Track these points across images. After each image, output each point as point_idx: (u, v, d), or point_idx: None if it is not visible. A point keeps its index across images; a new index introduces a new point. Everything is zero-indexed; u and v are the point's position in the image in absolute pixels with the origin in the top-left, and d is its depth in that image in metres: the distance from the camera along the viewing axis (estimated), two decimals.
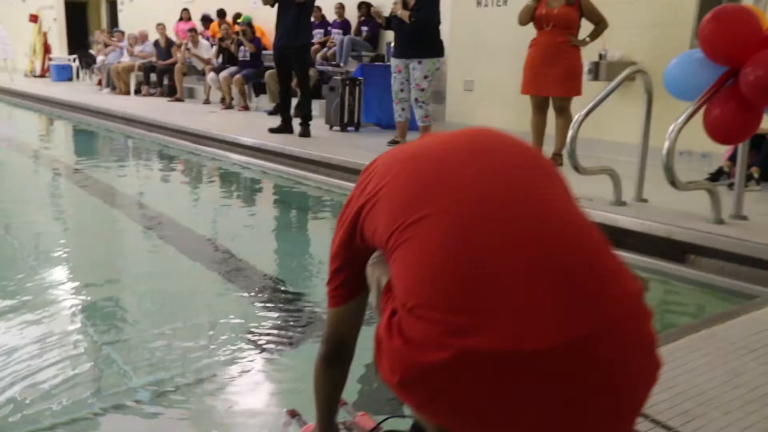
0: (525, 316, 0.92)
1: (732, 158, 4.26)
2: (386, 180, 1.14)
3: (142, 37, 12.02)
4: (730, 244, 2.98)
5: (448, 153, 1.12)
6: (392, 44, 8.04)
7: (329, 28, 9.42)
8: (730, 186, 3.86)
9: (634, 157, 3.92)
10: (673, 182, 3.17)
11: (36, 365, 2.17)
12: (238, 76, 9.37)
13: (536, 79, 5.00)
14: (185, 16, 12.19)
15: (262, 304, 2.85)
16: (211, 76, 9.95)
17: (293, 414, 1.79)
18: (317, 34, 9.06)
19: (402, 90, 5.92)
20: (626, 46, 5.53)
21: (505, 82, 6.31)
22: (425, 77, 5.77)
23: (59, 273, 3.27)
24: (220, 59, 10.11)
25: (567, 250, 0.98)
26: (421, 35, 5.69)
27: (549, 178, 1.11)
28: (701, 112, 3.15)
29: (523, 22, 5.05)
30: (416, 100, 5.83)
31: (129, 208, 4.87)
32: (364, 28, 8.90)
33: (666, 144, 3.12)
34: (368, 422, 1.67)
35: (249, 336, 2.48)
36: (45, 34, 16.00)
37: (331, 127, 7.22)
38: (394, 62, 5.98)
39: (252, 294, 2.97)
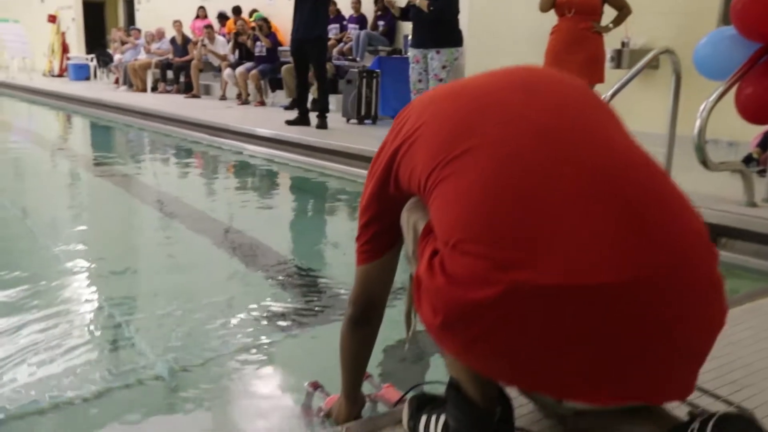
0: (583, 250, 0.85)
1: (761, 144, 4.14)
2: (424, 119, 1.07)
3: (159, 35, 12.06)
4: (767, 226, 2.88)
5: (492, 85, 1.05)
6: (410, 36, 8.02)
7: (345, 23, 9.37)
8: (760, 173, 3.75)
9: (660, 147, 3.81)
10: (705, 162, 3.07)
11: (56, 341, 2.14)
12: (254, 71, 9.35)
13: (558, 66, 4.90)
14: (201, 14, 12.22)
15: (281, 285, 2.80)
16: (227, 71, 9.94)
17: (315, 386, 1.72)
18: (332, 29, 9.01)
19: (420, 80, 5.85)
20: (649, 33, 5.43)
21: None
22: (443, 67, 5.69)
23: (77, 255, 3.24)
24: (236, 55, 10.09)
25: (629, 182, 0.90)
26: (439, 25, 5.61)
27: (604, 111, 1.03)
28: (730, 96, 3.05)
29: (544, 8, 4.96)
30: None
31: (146, 196, 4.85)
32: (381, 23, 8.84)
33: (697, 123, 3.02)
34: (394, 394, 1.60)
35: (268, 315, 2.44)
36: (63, 34, 16.09)
37: (348, 120, 7.17)
38: (412, 52, 5.91)
39: (271, 275, 2.93)
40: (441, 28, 5.63)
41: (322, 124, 6.46)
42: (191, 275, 2.95)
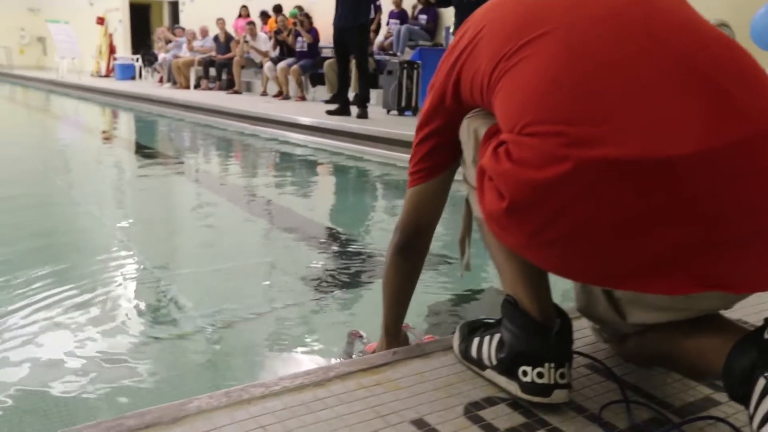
0: (660, 124, 0.78)
1: None
2: (485, 22, 1.02)
3: (203, 33, 12.26)
4: None
5: None
6: (451, 29, 7.97)
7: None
8: None
9: None
10: None
11: (100, 299, 2.16)
12: (295, 66, 9.41)
13: None
14: (244, 12, 12.38)
15: (321, 251, 2.80)
16: (268, 65, 10.03)
17: (357, 335, 1.68)
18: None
19: None
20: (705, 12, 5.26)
21: None
22: None
23: (121, 221, 3.30)
24: (277, 51, 10.19)
25: (709, 57, 0.84)
26: None
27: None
28: None
29: None
30: None
31: (190, 175, 4.93)
32: (423, 17, 8.81)
33: None
34: None
35: (309, 277, 2.42)
36: (111, 36, 16.52)
37: (388, 111, 7.15)
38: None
39: (311, 243, 2.93)
40: None
41: (363, 114, 6.46)
42: (233, 242, 2.98)
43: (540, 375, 1.01)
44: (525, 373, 1.02)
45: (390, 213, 3.72)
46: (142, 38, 17.65)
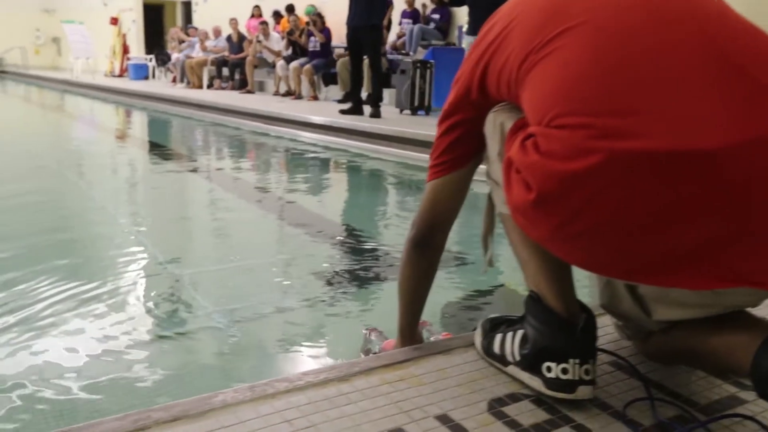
0: (692, 116, 0.78)
1: None
2: (514, 15, 1.01)
3: (216, 33, 12.31)
4: None
5: None
6: (464, 28, 7.95)
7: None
8: None
9: None
10: None
11: (114, 294, 2.18)
12: (307, 66, 9.43)
13: None
14: (256, 13, 12.40)
15: (337, 249, 2.81)
16: (280, 64, 10.05)
17: (373, 331, 1.68)
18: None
19: None
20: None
21: None
22: None
23: (136, 217, 3.32)
24: (290, 51, 10.21)
25: (741, 48, 0.83)
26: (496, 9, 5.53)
27: None
28: None
29: None
30: None
31: (204, 173, 4.94)
32: (435, 16, 8.80)
33: None
34: None
35: (325, 274, 2.43)
36: (124, 36, 16.61)
37: (401, 111, 7.14)
38: (467, 40, 5.85)
39: (327, 241, 2.94)
40: None
41: (376, 113, 6.46)
42: (247, 239, 3.00)
43: (564, 371, 1.00)
44: (549, 369, 1.01)
45: (402, 211, 3.72)
46: (155, 38, 17.75)
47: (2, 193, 3.74)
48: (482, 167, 1.18)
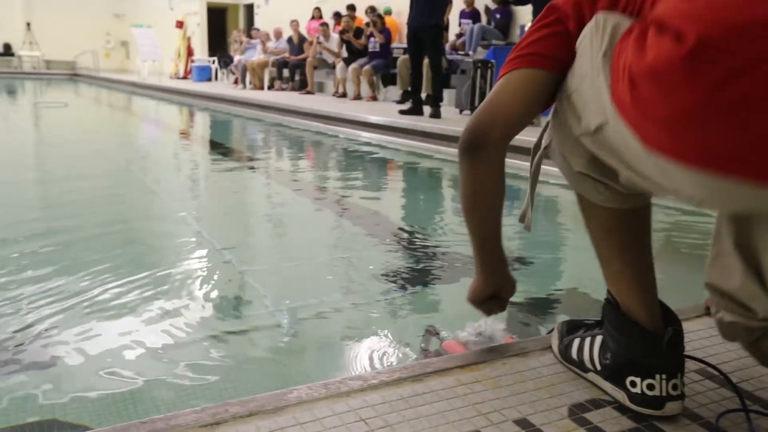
0: None
1: None
2: None
3: (277, 35, 12.51)
4: None
5: None
6: (526, 27, 7.83)
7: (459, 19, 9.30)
8: None
9: None
10: None
11: (177, 289, 2.21)
12: (367, 67, 9.46)
13: None
14: (316, 14, 12.55)
15: (398, 249, 2.78)
16: (340, 65, 10.13)
17: (433, 332, 1.66)
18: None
19: None
20: None
21: None
22: None
23: (200, 214, 3.39)
24: (344, 51, 10.28)
25: None
26: None
27: None
28: None
29: None
30: None
31: (265, 172, 5.01)
32: (497, 16, 8.69)
33: None
34: (456, 348, 1.48)
35: (385, 273, 2.41)
36: (189, 39, 17.09)
37: (461, 111, 7.08)
38: None
39: (388, 240, 2.91)
40: None
41: (436, 113, 6.43)
42: (306, 237, 3.01)
43: (650, 387, 0.95)
44: (633, 384, 0.96)
45: (461, 212, 3.67)
46: (218, 40, 18.19)
47: (73, 187, 3.89)
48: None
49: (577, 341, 1.10)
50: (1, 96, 13.30)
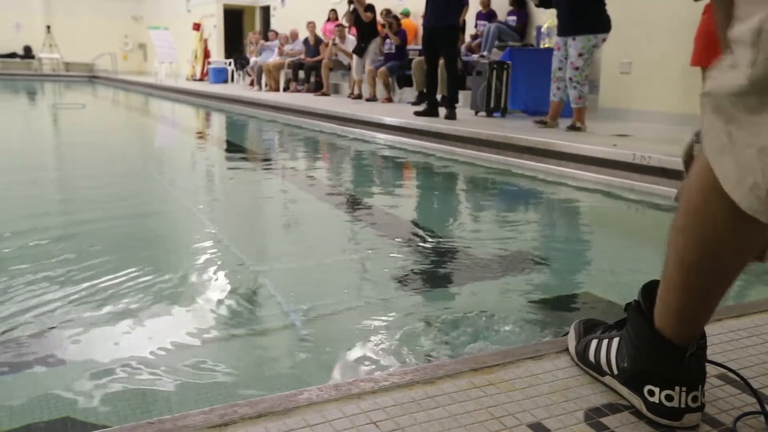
0: None
1: None
2: None
3: (293, 36, 12.55)
4: None
5: None
6: (542, 28, 7.79)
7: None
8: None
9: None
10: None
11: (187, 289, 2.21)
12: (382, 68, 9.46)
13: (711, 47, 4.52)
14: (332, 16, 12.56)
15: (411, 250, 2.76)
16: (355, 62, 10.12)
17: None
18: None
19: (560, 68, 5.67)
20: None
21: (668, 60, 5.84)
22: (579, 55, 5.47)
23: (213, 213, 3.39)
24: (352, 37, 10.28)
25: None
26: (576, 11, 5.41)
27: None
28: None
29: None
30: (570, 79, 5.54)
31: (279, 172, 5.02)
32: (512, 18, 8.64)
33: None
34: None
35: (399, 274, 2.39)
36: (206, 41, 17.19)
37: (476, 113, 7.05)
38: (554, 40, 5.80)
39: (401, 241, 2.90)
40: (579, 14, 5.42)
41: (451, 115, 6.40)
42: (321, 238, 3.00)
43: (669, 398, 0.92)
44: (651, 393, 0.93)
45: (477, 213, 3.65)
46: (234, 42, 18.28)
47: (90, 184, 3.93)
48: None
49: (594, 342, 1.08)
50: (21, 98, 13.48)
